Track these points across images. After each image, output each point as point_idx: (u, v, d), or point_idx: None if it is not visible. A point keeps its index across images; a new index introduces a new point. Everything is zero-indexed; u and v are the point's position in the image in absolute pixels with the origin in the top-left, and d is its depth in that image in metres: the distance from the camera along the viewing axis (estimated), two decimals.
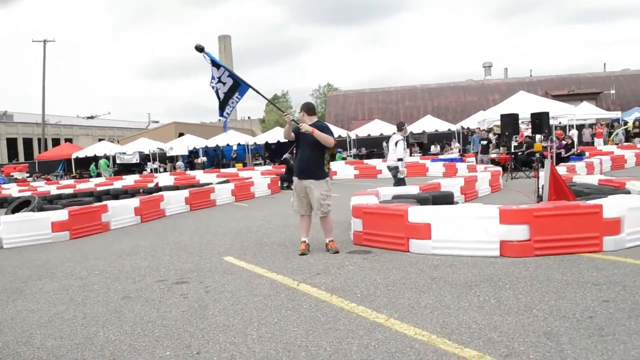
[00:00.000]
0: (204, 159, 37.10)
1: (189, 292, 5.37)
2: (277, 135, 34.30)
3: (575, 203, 6.80)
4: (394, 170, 10.86)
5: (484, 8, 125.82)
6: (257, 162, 35.97)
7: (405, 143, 10.90)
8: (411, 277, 5.43)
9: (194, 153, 38.40)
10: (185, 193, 13.91)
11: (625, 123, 32.39)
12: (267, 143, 36.52)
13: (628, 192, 7.80)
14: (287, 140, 7.43)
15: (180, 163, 35.45)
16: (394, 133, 11.19)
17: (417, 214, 6.57)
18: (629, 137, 30.82)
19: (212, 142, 36.92)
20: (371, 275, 5.61)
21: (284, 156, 19.31)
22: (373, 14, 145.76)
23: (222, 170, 30.18)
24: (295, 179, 7.09)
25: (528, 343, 3.53)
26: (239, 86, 7.38)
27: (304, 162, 6.96)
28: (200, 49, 7.08)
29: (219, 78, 7.25)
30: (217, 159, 39.69)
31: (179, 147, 36.14)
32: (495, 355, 3.37)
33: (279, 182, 18.57)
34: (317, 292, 5.07)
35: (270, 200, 15.42)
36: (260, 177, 19.93)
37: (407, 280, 5.30)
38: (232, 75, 7.35)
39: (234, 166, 33.62)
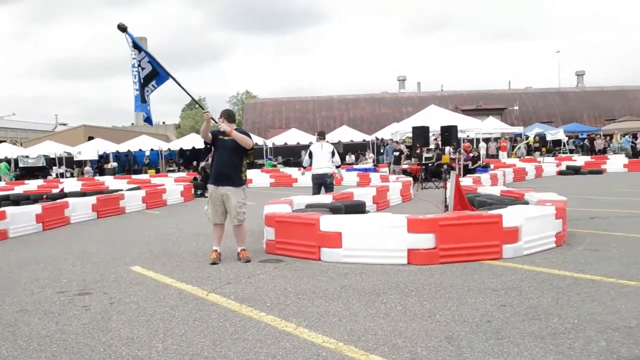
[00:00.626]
0: (115, 164, 35.76)
1: (92, 304, 5.14)
2: (192, 141, 33.67)
3: (478, 213, 7.16)
4: (330, 177, 11.03)
5: (400, 23, 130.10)
6: (171, 168, 35.15)
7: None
8: (321, 285, 5.49)
9: (104, 158, 36.92)
10: (92, 200, 13.31)
11: (527, 138, 34.45)
12: (181, 149, 35.76)
13: (526, 203, 8.27)
14: (203, 147, 7.27)
15: (88, 168, 33.96)
16: (323, 142, 11.30)
17: (328, 222, 6.65)
18: (530, 151, 32.82)
19: (123, 147, 35.66)
20: (282, 284, 5.61)
21: (201, 164, 18.97)
22: (293, 23, 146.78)
23: (134, 176, 29.17)
24: (211, 186, 6.96)
25: (430, 348, 3.66)
26: (157, 75, 7.11)
27: (222, 168, 6.84)
28: (123, 28, 6.76)
29: (140, 62, 6.96)
30: (129, 164, 38.35)
31: (88, 151, 34.61)
32: None
33: (193, 190, 18.21)
34: (227, 301, 5.01)
35: (183, 208, 15.09)
36: (173, 184, 19.47)
37: (317, 289, 5.34)
38: (152, 61, 7.06)
39: (146, 172, 32.64)
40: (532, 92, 48.52)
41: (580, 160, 26.93)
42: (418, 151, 19.66)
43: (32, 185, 24.90)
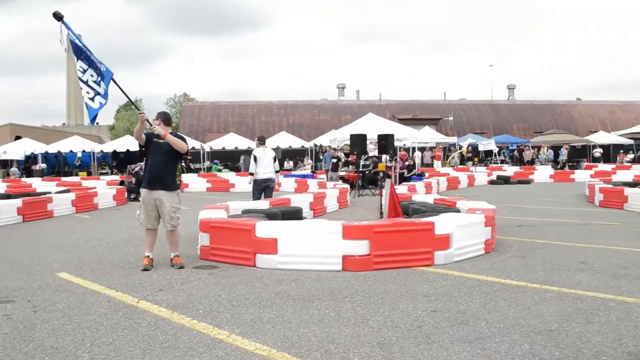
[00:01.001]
0: (44, 165, 34.26)
1: (14, 312, 4.89)
2: (127, 143, 32.74)
3: (411, 220, 7.31)
4: (272, 182, 11.34)
5: (340, 32, 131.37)
6: (104, 171, 34.04)
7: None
8: (256, 292, 5.45)
9: (31, 159, 35.31)
10: (17, 202, 12.68)
11: (461, 147, 35.53)
12: (115, 151, 34.72)
13: (458, 211, 8.52)
14: (137, 150, 7.07)
15: (14, 169, 32.36)
16: (264, 147, 11.55)
17: (264, 228, 6.62)
18: (463, 160, 33.86)
19: (53, 148, 34.21)
20: (216, 290, 5.53)
21: (135, 168, 18.46)
22: (233, 27, 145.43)
23: (64, 178, 28.04)
24: (144, 190, 6.77)
25: (362, 353, 3.70)
26: (100, 72, 6.81)
27: (156, 171, 6.68)
28: (59, 17, 6.44)
29: (82, 60, 6.69)
30: (59, 166, 36.85)
31: (15, 151, 33.00)
32: None
33: (126, 193, 17.72)
34: (158, 309, 4.89)
35: (116, 212, 14.65)
36: (105, 187, 18.88)
37: (252, 296, 5.31)
38: (91, 59, 6.78)
39: (77, 175, 31.46)
40: (466, 103, 50.11)
41: (510, 170, 28.04)
42: (351, 158, 19.93)
43: None
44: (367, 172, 19.97)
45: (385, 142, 15.99)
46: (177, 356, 3.72)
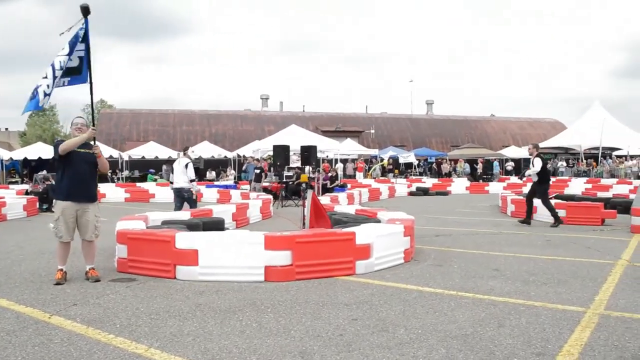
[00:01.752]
0: None
1: None
2: (38, 151, 31.19)
3: (332, 230, 7.40)
4: (187, 192, 11.22)
5: (264, 42, 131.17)
6: (13, 180, 32.20)
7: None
8: (176, 304, 5.33)
9: None
10: None
11: (382, 160, 36.38)
12: (26, 159, 32.94)
13: (378, 221, 8.71)
14: (52, 158, 6.75)
15: None
16: (180, 156, 11.64)
17: (184, 240, 6.49)
18: (384, 172, 34.66)
19: None
20: (134, 304, 5.36)
21: (42, 177, 17.59)
22: (155, 33, 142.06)
23: None
24: (63, 202, 6.40)
25: None
26: (78, 73, 6.52)
27: (81, 182, 6.41)
28: (87, 11, 6.32)
29: (74, 53, 6.42)
30: None
31: None
32: None
33: (38, 204, 16.84)
34: (72, 324, 4.67)
35: (26, 224, 13.87)
36: (15, 196, 17.84)
37: (171, 308, 5.18)
38: (85, 58, 6.52)
39: None
40: (387, 117, 51.45)
41: (428, 182, 28.99)
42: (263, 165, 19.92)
43: None
44: (290, 183, 20.03)
45: (308, 154, 16.06)
46: None
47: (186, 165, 11.07)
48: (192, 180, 11.20)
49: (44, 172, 23.63)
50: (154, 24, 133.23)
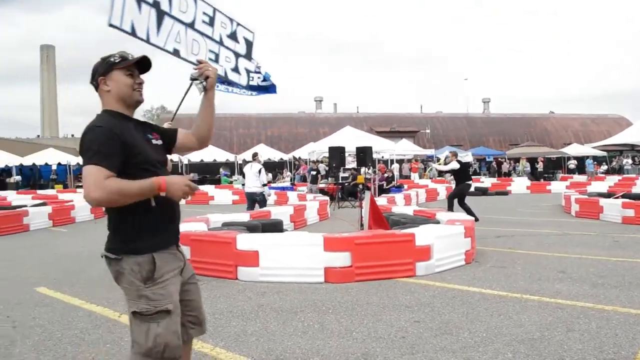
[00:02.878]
0: (18, 178, 33.66)
1: None
2: None
3: (391, 232, 7.35)
4: (259, 195, 12.31)
5: (318, 44, 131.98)
6: (80, 184, 33.54)
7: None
8: (238, 304, 5.42)
9: (5, 171, 34.69)
10: None
11: (438, 160, 35.86)
12: None
13: (437, 222, 8.59)
14: None
15: None
16: (252, 163, 12.60)
17: (245, 241, 6.59)
18: (441, 172, 34.14)
19: (28, 160, 33.66)
20: None
21: None
22: None
23: (40, 191, 27.58)
24: None
25: None
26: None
27: None
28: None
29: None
30: (34, 179, 36.25)
31: None
32: None
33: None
34: None
35: (94, 226, 14.41)
36: (82, 200, 18.57)
37: (234, 308, 5.27)
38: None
39: (53, 187, 30.96)
40: (442, 116, 50.70)
41: (487, 182, 28.35)
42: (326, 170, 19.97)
43: None
44: (346, 184, 20.02)
45: (364, 155, 16.09)
46: None
47: (259, 171, 12.09)
48: (264, 185, 12.32)
49: None
50: None
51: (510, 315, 4.84)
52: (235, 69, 3.50)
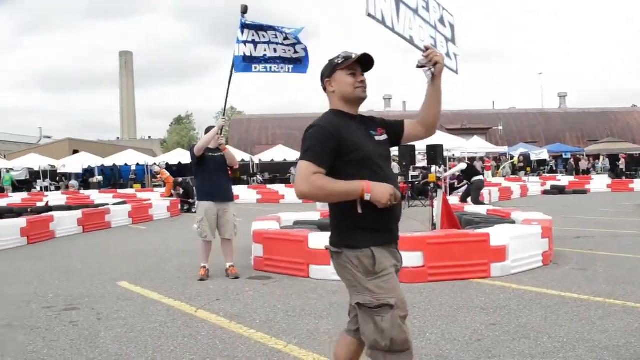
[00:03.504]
0: (100, 178, 35.45)
1: (79, 320, 5.07)
2: (178, 156, 33.57)
3: (465, 231, 7.20)
4: None
5: (383, 42, 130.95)
6: (157, 183, 34.89)
7: None
8: (310, 302, 5.47)
9: (88, 172, 36.62)
10: (77, 214, 13.17)
11: (512, 157, 34.82)
12: (167, 164, 35.57)
13: (513, 222, 8.34)
14: (190, 162, 7.27)
15: (73, 182, 33.62)
16: None
17: (317, 240, 6.63)
18: (515, 170, 33.15)
19: (109, 161, 35.44)
20: (271, 301, 5.58)
21: (186, 180, 18.93)
22: None
23: (120, 191, 28.94)
24: (206, 202, 6.84)
25: None
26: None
27: (218, 183, 6.84)
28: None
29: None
30: (114, 178, 38.08)
31: (73, 164, 34.32)
32: None
33: (180, 205, 18.11)
34: (216, 318, 4.97)
35: (170, 224, 14.99)
36: (159, 199, 19.33)
37: (307, 306, 5.33)
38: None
39: (132, 187, 32.39)
40: (515, 112, 49.16)
41: (564, 180, 27.24)
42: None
43: (16, 198, 24.58)
44: (416, 182, 19.78)
45: (435, 153, 15.78)
46: None
47: None
48: None
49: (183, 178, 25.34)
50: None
51: (593, 320, 4.62)
52: (448, 54, 3.52)
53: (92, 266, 8.03)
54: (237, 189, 23.95)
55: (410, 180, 19.81)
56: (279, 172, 35.42)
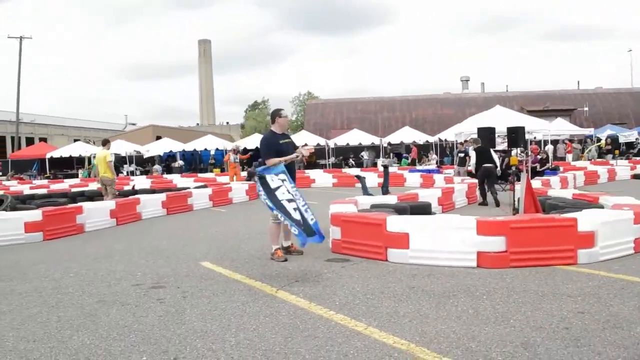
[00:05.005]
0: (182, 162, 36.81)
1: (166, 297, 5.30)
2: (255, 141, 34.23)
3: (551, 216, 6.92)
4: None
5: (463, 23, 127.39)
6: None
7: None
8: (390, 286, 5.45)
9: (171, 157, 38.09)
10: (162, 197, 13.76)
11: (599, 140, 33.09)
12: (245, 149, 36.38)
13: (601, 207, 7.95)
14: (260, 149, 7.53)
15: (157, 166, 35.09)
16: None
17: (395, 223, 6.59)
18: (601, 153, 31.49)
19: (189, 146, 36.70)
20: (350, 283, 5.61)
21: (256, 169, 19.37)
22: (355, 26, 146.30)
23: (200, 175, 29.93)
24: None
25: (506, 353, 3.56)
26: None
27: (291, 169, 7.12)
28: None
29: None
30: (195, 163, 39.44)
31: (156, 150, 35.81)
32: None
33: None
34: (296, 299, 5.06)
35: (248, 207, 15.33)
36: (238, 183, 19.83)
37: (386, 289, 5.32)
38: None
39: (211, 171, 33.40)
40: (602, 92, 46.52)
41: None
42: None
43: None
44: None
45: (516, 135, 15.20)
46: (317, 345, 3.82)
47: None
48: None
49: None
50: (351, 18, 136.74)
51: None
52: None
53: (176, 246, 8.36)
54: (313, 173, 24.29)
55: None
56: (355, 156, 35.49)
